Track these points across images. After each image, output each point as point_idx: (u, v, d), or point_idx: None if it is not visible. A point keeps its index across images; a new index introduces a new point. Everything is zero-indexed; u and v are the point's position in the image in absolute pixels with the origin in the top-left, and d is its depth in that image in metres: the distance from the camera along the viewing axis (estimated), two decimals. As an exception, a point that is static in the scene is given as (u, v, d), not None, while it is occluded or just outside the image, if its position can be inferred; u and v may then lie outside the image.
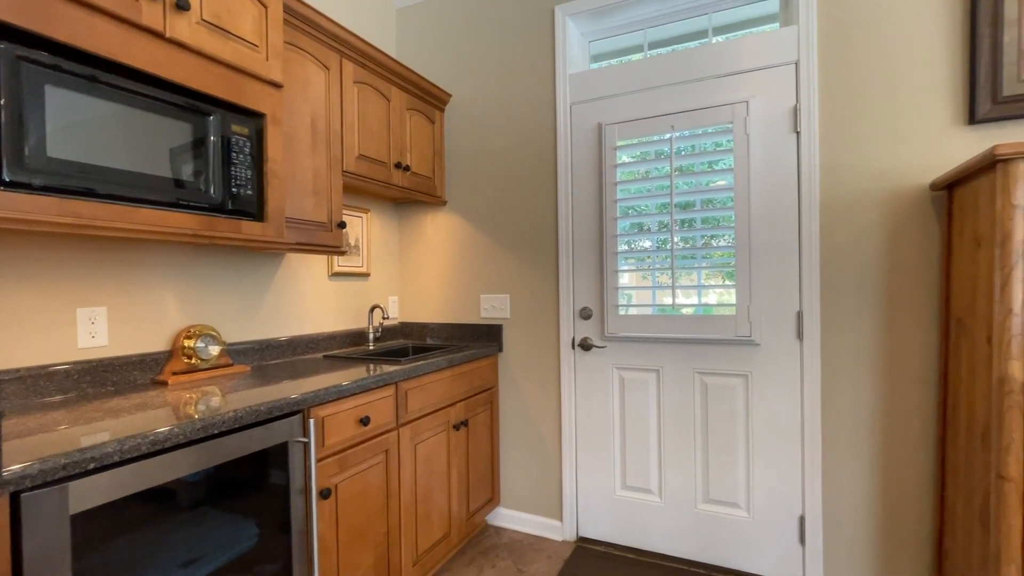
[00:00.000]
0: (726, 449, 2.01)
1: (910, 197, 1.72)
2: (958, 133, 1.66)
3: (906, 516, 1.75)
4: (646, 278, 2.18)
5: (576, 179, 2.27)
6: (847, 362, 1.82)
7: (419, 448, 1.88)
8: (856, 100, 1.79)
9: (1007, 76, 1.57)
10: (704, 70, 2.01)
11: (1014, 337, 1.24)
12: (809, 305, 1.85)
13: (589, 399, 2.27)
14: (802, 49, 1.84)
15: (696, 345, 2.05)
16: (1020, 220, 1.24)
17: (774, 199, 1.91)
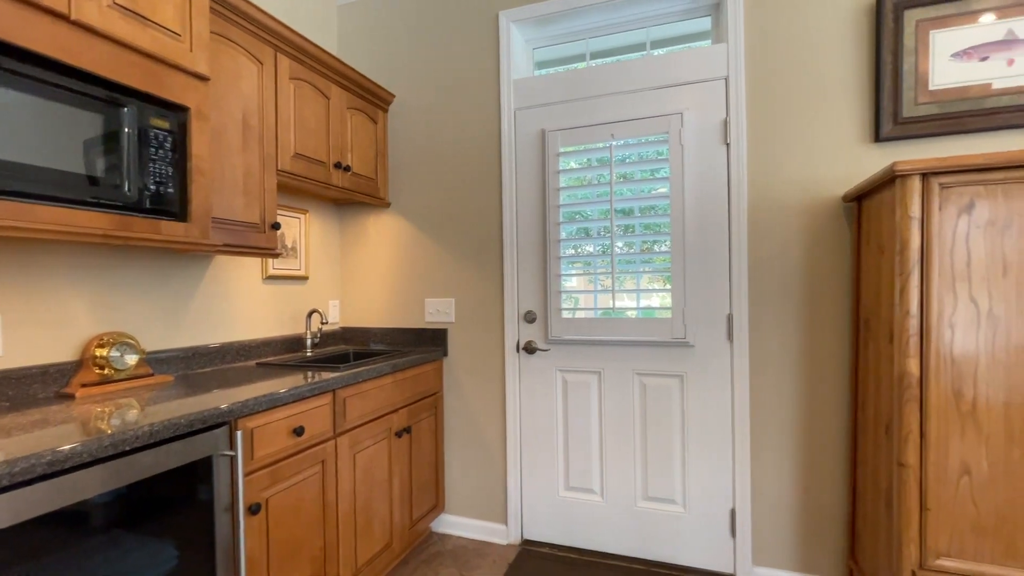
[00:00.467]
0: (663, 447, 2.09)
1: (826, 208, 1.86)
2: (866, 150, 1.81)
3: (824, 503, 1.88)
4: (589, 282, 2.23)
5: (520, 183, 2.29)
6: (772, 362, 1.93)
7: (358, 457, 1.82)
8: (780, 116, 1.91)
9: (907, 100, 1.73)
10: (642, 81, 2.09)
11: (911, 337, 1.36)
12: (738, 308, 1.95)
13: (533, 402, 2.29)
14: (731, 66, 1.95)
15: (636, 347, 2.12)
16: (916, 230, 1.36)
17: (707, 207, 2.01)
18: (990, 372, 1.31)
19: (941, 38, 1.69)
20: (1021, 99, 1.62)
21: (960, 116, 1.68)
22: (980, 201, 1.32)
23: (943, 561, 1.34)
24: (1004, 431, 1.30)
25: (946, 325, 1.34)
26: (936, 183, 1.34)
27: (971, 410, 1.32)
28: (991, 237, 1.31)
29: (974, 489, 1.32)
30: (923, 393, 1.36)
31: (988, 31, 1.64)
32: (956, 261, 1.34)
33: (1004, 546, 1.30)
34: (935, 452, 1.35)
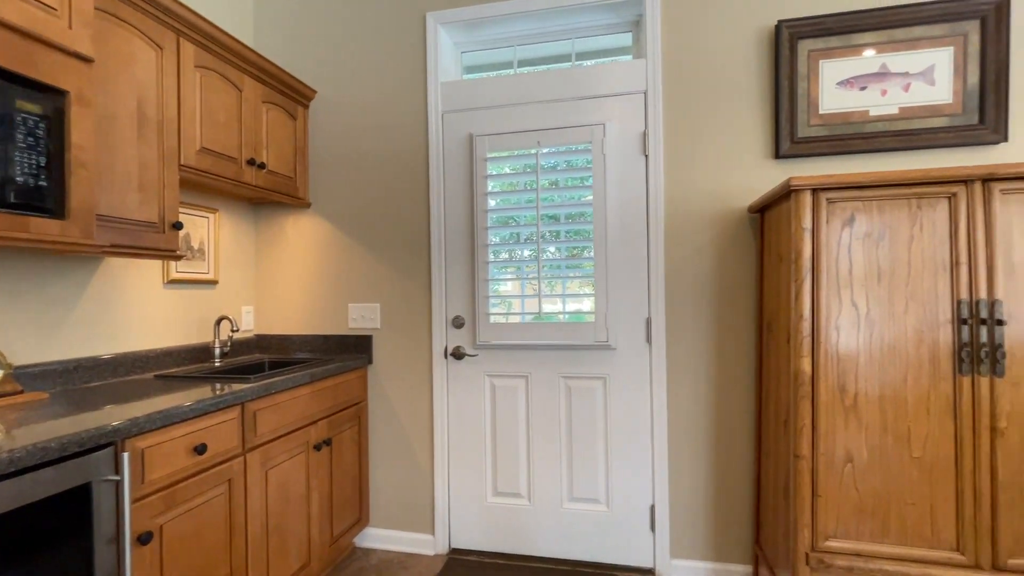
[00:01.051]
0: (588, 448, 2.14)
1: (734, 218, 1.99)
2: (769, 165, 1.96)
3: (734, 495, 2.00)
4: (517, 287, 2.24)
5: (448, 187, 2.26)
6: (687, 363, 2.04)
7: (271, 474, 1.71)
8: (693, 130, 2.02)
9: (801, 121, 1.90)
10: (567, 91, 2.14)
11: (804, 338, 1.49)
12: (656, 312, 2.04)
13: (462, 408, 2.26)
14: (649, 81, 2.04)
15: (562, 351, 2.16)
16: (807, 240, 1.49)
17: (628, 215, 2.09)
18: (868, 368, 1.46)
19: (829, 67, 1.87)
20: (892, 126, 1.83)
21: (845, 138, 1.86)
22: (859, 215, 1.47)
23: (831, 542, 1.47)
24: (879, 421, 1.45)
25: (833, 327, 1.48)
26: (824, 198, 1.48)
27: (853, 404, 1.46)
28: (868, 247, 1.46)
29: (856, 475, 1.46)
30: (814, 389, 1.48)
31: (866, 64, 1.84)
32: (840, 269, 1.48)
33: (880, 525, 1.45)
34: (824, 443, 1.48)
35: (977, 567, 1.38)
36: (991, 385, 1.38)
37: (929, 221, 1.42)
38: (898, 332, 1.44)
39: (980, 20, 1.75)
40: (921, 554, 1.41)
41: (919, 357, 1.43)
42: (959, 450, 1.40)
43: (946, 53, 1.79)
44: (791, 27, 1.88)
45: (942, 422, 1.41)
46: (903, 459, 1.43)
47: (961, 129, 1.77)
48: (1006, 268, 1.37)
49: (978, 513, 1.38)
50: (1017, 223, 1.37)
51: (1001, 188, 1.37)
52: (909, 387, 1.43)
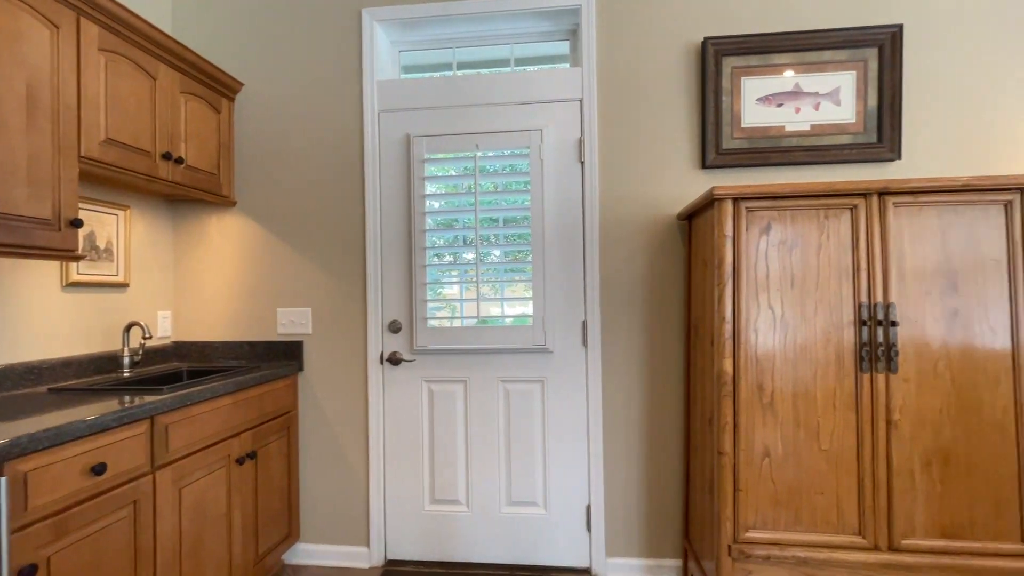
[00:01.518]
0: (526, 452, 2.14)
1: (665, 225, 2.07)
2: (696, 175, 2.05)
3: (665, 492, 2.07)
4: (455, 291, 2.22)
5: (385, 188, 2.20)
6: (622, 365, 2.09)
7: (186, 492, 1.58)
8: (627, 139, 2.09)
9: (725, 134, 2.01)
10: (506, 96, 2.15)
11: (726, 340, 1.56)
12: (592, 316, 2.09)
13: (398, 415, 2.20)
14: (585, 89, 2.09)
15: (500, 355, 2.15)
16: (729, 247, 1.57)
17: (565, 220, 2.12)
18: (783, 367, 1.55)
19: (750, 84, 1.99)
20: (804, 141, 1.97)
21: (764, 151, 1.98)
22: (775, 224, 1.56)
23: (751, 533, 1.55)
24: (792, 417, 1.55)
25: (752, 329, 1.56)
26: (744, 207, 1.57)
27: (770, 401, 1.56)
28: (782, 254, 1.56)
29: (773, 468, 1.55)
30: (736, 388, 1.56)
31: (783, 82, 1.97)
32: (759, 274, 1.56)
33: (793, 514, 1.54)
34: (745, 439, 1.56)
35: (876, 548, 1.50)
36: (887, 381, 1.50)
37: (835, 230, 1.54)
38: (809, 333, 1.54)
39: (878, 48, 1.92)
40: (828, 539, 1.52)
41: (827, 356, 1.54)
42: (860, 442, 1.52)
43: (850, 76, 1.95)
44: (716, 44, 1.98)
45: (846, 416, 1.52)
46: (813, 452, 1.54)
47: (863, 147, 1.94)
48: (899, 274, 1.51)
49: (876, 499, 1.50)
50: (907, 233, 1.51)
51: (894, 201, 1.51)
52: (818, 384, 1.54)
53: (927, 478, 1.49)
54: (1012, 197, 1.46)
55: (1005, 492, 1.46)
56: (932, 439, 1.49)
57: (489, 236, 2.15)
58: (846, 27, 1.95)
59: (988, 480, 1.47)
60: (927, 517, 1.49)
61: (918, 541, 1.48)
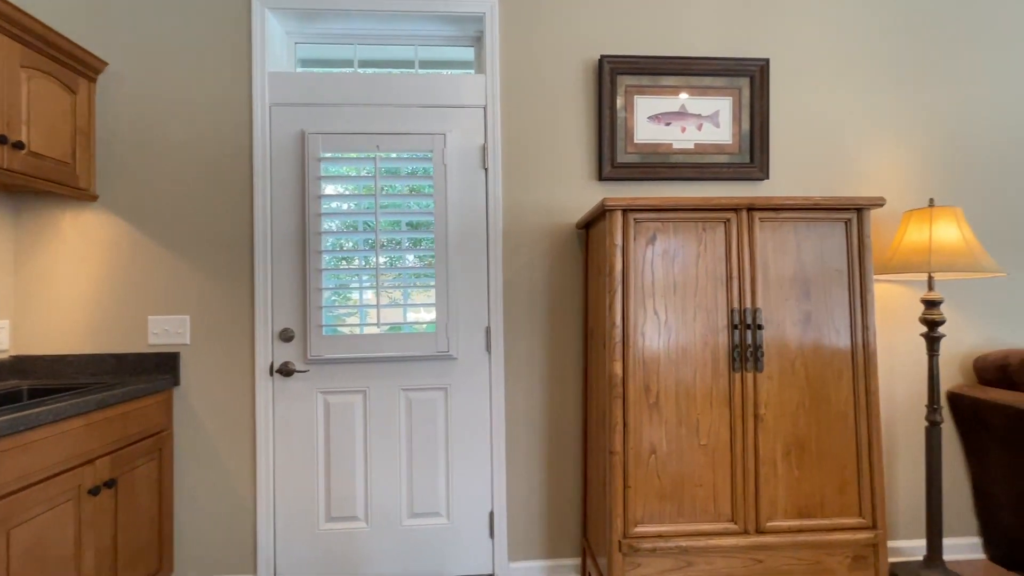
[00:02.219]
0: (429, 461, 2.10)
1: (565, 233, 2.14)
2: (593, 186, 2.14)
3: (565, 494, 2.13)
4: (354, 297, 2.12)
5: (277, 187, 2.06)
6: (524, 370, 2.12)
7: (17, 534, 1.35)
8: (530, 149, 2.13)
9: (620, 148, 2.11)
10: (409, 98, 2.10)
11: (616, 344, 1.64)
12: (495, 321, 2.10)
13: (290, 430, 2.06)
14: (489, 96, 2.10)
15: (402, 363, 2.09)
16: (619, 256, 1.65)
17: (468, 226, 2.11)
18: (666, 369, 1.65)
19: (642, 102, 2.11)
20: (690, 159, 2.13)
21: (655, 166, 2.11)
22: (659, 234, 1.67)
23: (639, 528, 1.63)
24: (675, 415, 1.65)
25: (639, 333, 1.65)
26: (632, 218, 1.65)
27: (656, 401, 1.65)
28: (666, 263, 1.66)
29: (658, 465, 1.65)
30: (625, 390, 1.64)
31: (670, 103, 2.12)
32: (645, 281, 1.66)
33: (676, 506, 1.65)
34: (633, 438, 1.64)
35: (745, 532, 1.64)
36: (754, 379, 1.66)
37: (711, 241, 1.67)
38: (689, 336, 1.66)
39: (750, 78, 2.14)
40: (706, 528, 1.64)
41: (704, 357, 1.66)
42: (733, 435, 1.66)
43: (727, 102, 2.14)
44: (612, 62, 2.09)
45: (721, 412, 1.66)
46: (693, 447, 1.65)
47: (738, 166, 2.14)
48: (764, 282, 1.67)
49: (745, 487, 1.65)
50: (771, 245, 1.68)
51: (760, 216, 1.67)
52: (698, 384, 1.66)
53: (787, 465, 1.66)
54: (851, 216, 1.68)
55: (847, 474, 1.67)
56: (791, 430, 1.67)
57: (391, 241, 2.09)
58: (724, 57, 2.14)
59: (835, 464, 1.67)
60: (787, 500, 1.66)
61: (779, 522, 1.65)
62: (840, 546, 1.65)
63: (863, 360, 1.67)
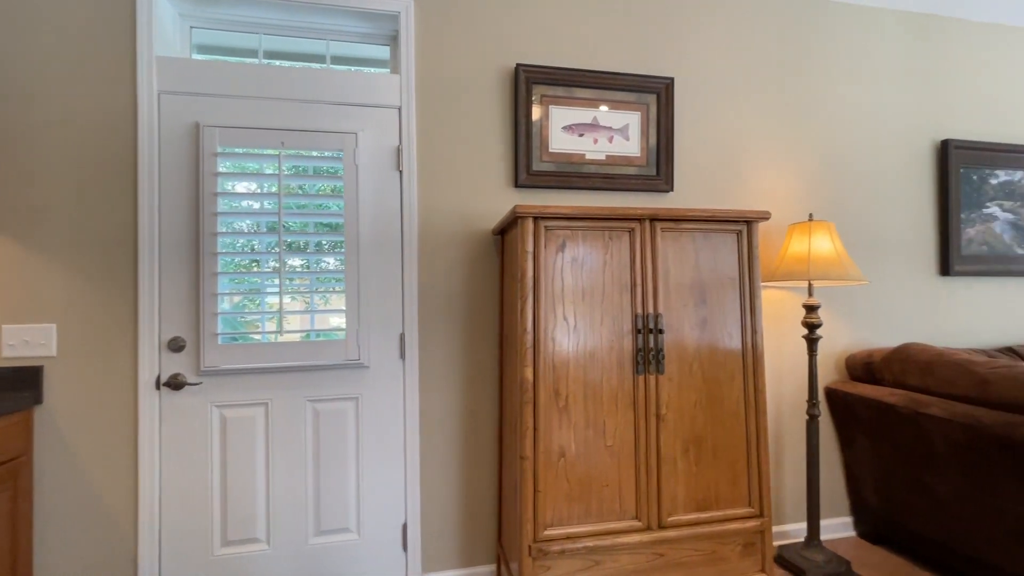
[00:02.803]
0: (338, 476, 2.00)
1: (481, 238, 2.13)
2: (510, 192, 2.16)
3: (481, 501, 2.11)
4: (255, 302, 1.99)
5: (166, 183, 1.88)
6: (440, 377, 2.09)
7: None
8: (447, 153, 2.10)
9: (535, 156, 2.15)
10: (320, 94, 2.00)
11: (527, 349, 1.65)
12: (410, 328, 2.05)
13: (180, 449, 1.88)
14: (404, 97, 2.06)
15: (308, 372, 1.98)
16: (530, 262, 1.67)
17: (382, 229, 2.05)
18: (576, 373, 1.69)
19: (556, 112, 2.16)
20: (601, 169, 2.21)
21: (568, 175, 2.17)
22: (569, 242, 1.71)
23: (548, 531, 1.65)
24: (584, 418, 1.70)
25: (549, 338, 1.68)
26: (543, 225, 1.68)
27: (565, 405, 1.68)
28: (575, 270, 1.71)
29: (567, 467, 1.68)
30: (536, 394, 1.66)
31: (583, 115, 2.19)
32: (555, 288, 1.69)
33: (584, 507, 1.69)
34: (544, 442, 1.66)
35: (649, 528, 1.72)
36: (656, 381, 1.74)
37: (617, 250, 1.74)
38: (597, 341, 1.71)
39: (656, 95, 2.26)
40: (612, 527, 1.69)
41: (611, 361, 1.72)
42: (636, 436, 1.73)
43: (636, 116, 2.24)
44: (527, 71, 2.12)
45: (626, 414, 1.72)
46: (600, 448, 1.70)
47: (646, 178, 2.24)
48: (665, 289, 1.77)
49: (648, 485, 1.72)
50: (671, 254, 1.78)
51: (661, 226, 1.76)
52: (604, 387, 1.71)
53: (686, 462, 1.76)
54: (742, 228, 1.82)
55: (738, 467, 1.79)
56: (689, 428, 1.77)
57: (298, 243, 1.98)
58: (634, 73, 2.25)
59: (728, 458, 1.79)
60: (686, 495, 1.76)
61: (679, 517, 1.74)
62: (732, 535, 1.77)
63: (752, 361, 1.81)
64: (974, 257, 2.62)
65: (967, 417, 1.81)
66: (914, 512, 2.07)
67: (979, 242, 2.63)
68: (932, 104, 2.63)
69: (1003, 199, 2.67)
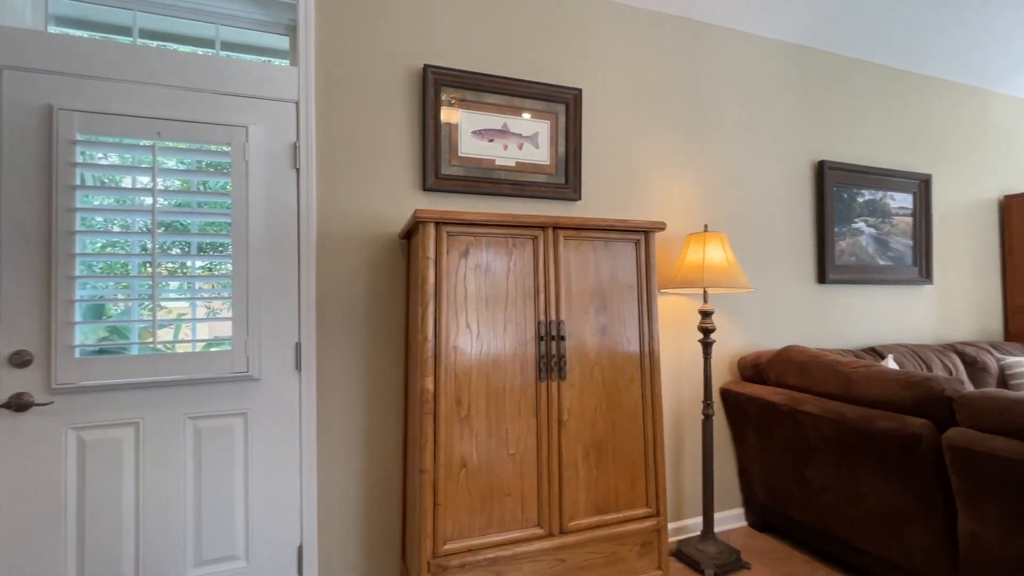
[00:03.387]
0: (223, 499, 1.83)
1: (387, 243, 2.05)
2: (417, 196, 2.09)
3: (384, 516, 2.02)
4: (121, 310, 1.77)
5: (8, 173, 1.63)
6: (340, 387, 1.98)
7: None
8: (350, 152, 2.00)
9: (444, 160, 2.11)
10: (205, 82, 1.83)
11: (428, 358, 1.60)
12: (307, 336, 1.92)
13: (24, 480, 1.63)
14: (302, 92, 1.94)
15: (189, 387, 1.80)
16: (431, 269, 1.62)
17: (276, 231, 1.91)
18: (478, 381, 1.67)
19: (466, 116, 2.13)
20: (511, 176, 2.21)
21: (478, 180, 2.15)
22: (472, 249, 1.68)
23: (448, 545, 1.61)
24: (486, 427, 1.67)
25: (451, 347, 1.64)
26: (445, 231, 1.64)
27: (467, 414, 1.65)
28: (478, 277, 1.68)
29: (469, 478, 1.65)
30: (436, 405, 1.61)
31: (493, 120, 2.18)
32: (458, 295, 1.66)
33: (486, 518, 1.66)
34: (444, 454, 1.62)
35: (550, 535, 1.72)
36: (558, 388, 1.76)
37: (520, 257, 1.74)
38: (500, 348, 1.70)
39: (565, 105, 2.30)
40: (515, 536, 1.68)
41: (514, 369, 1.71)
42: (539, 443, 1.73)
43: (546, 125, 2.27)
44: (436, 73, 2.08)
45: (528, 421, 1.72)
46: (502, 457, 1.68)
47: (555, 186, 2.28)
48: (567, 296, 1.79)
49: (550, 491, 1.73)
50: (573, 262, 1.81)
51: (564, 234, 1.79)
52: (507, 395, 1.70)
53: (587, 466, 1.79)
54: (640, 237, 1.89)
55: (636, 469, 1.85)
56: (590, 433, 1.80)
57: (174, 244, 1.79)
58: (544, 82, 2.27)
59: (626, 461, 1.84)
60: (587, 499, 1.78)
61: (580, 521, 1.76)
62: (631, 535, 1.82)
63: (650, 366, 1.88)
64: (845, 267, 2.92)
65: (834, 413, 1.99)
66: (794, 501, 2.25)
67: (849, 253, 2.94)
68: (811, 128, 2.90)
69: (868, 215, 3.00)
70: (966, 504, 1.62)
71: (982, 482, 1.56)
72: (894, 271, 3.07)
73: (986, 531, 1.57)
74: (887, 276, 3.03)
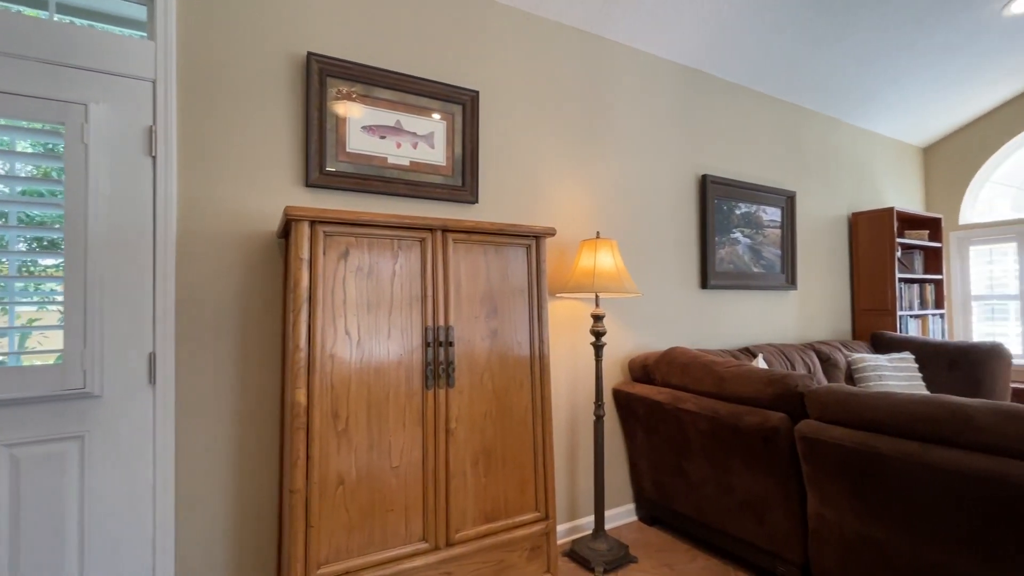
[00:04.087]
0: (49, 542, 1.55)
1: (262, 241, 1.88)
2: (299, 192, 1.94)
3: (257, 542, 1.84)
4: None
5: None
6: (206, 402, 1.77)
7: None
8: (221, 141, 1.81)
9: (330, 155, 1.98)
10: (29, 48, 1.56)
11: (300, 369, 1.48)
12: (163, 346, 1.70)
13: None
14: (160, 70, 1.72)
15: (4, 408, 1.51)
16: (305, 271, 1.50)
17: (125, 226, 1.67)
18: (358, 392, 1.57)
19: (355, 110, 2.02)
20: (405, 175, 2.12)
21: (368, 178, 2.04)
22: (353, 250, 1.58)
23: (323, 569, 1.49)
24: (367, 440, 1.58)
25: (328, 356, 1.53)
26: (321, 231, 1.53)
27: (345, 428, 1.54)
28: (360, 280, 1.59)
29: (347, 496, 1.54)
30: (309, 419, 1.49)
31: (385, 116, 2.09)
32: (336, 299, 1.55)
33: (367, 537, 1.56)
34: (319, 472, 1.50)
35: (436, 548, 1.66)
36: (446, 395, 1.71)
37: (407, 260, 1.67)
38: (383, 356, 1.61)
39: (462, 106, 2.26)
40: (397, 553, 1.60)
41: (399, 377, 1.63)
42: (425, 453, 1.66)
43: (442, 125, 2.22)
44: (320, 62, 1.94)
45: (413, 432, 1.65)
46: (385, 471, 1.60)
47: (451, 188, 2.23)
48: (456, 301, 1.74)
49: (436, 503, 1.67)
50: (463, 266, 1.77)
51: (453, 237, 1.74)
52: (391, 405, 1.62)
53: (475, 473, 1.75)
54: (531, 242, 1.90)
55: (526, 474, 1.85)
56: (479, 440, 1.77)
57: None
58: (440, 81, 2.22)
59: (517, 466, 1.84)
60: (475, 508, 1.75)
61: (467, 531, 1.72)
62: (520, 541, 1.81)
63: (540, 370, 1.89)
64: (724, 273, 3.17)
65: (710, 410, 2.14)
66: (677, 494, 2.38)
67: (728, 261, 3.19)
68: (696, 144, 3.12)
69: (744, 227, 3.29)
70: (813, 488, 1.80)
71: (825, 467, 1.74)
72: (766, 278, 3.39)
73: (828, 511, 1.75)
74: (760, 282, 3.34)
